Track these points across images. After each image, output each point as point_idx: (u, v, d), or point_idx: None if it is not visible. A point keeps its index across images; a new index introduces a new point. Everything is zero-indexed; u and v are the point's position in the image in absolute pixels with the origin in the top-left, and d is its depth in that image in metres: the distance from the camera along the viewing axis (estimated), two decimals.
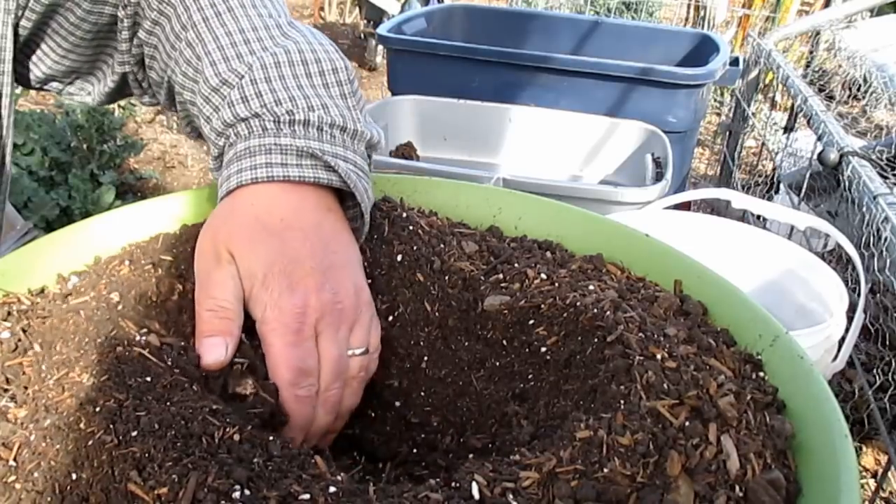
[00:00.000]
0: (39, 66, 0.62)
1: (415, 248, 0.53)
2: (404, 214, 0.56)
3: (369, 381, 0.51)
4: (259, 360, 0.46)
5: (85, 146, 2.28)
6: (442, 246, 0.55)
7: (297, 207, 0.48)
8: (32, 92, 2.88)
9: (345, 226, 0.51)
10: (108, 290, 0.48)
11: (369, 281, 0.52)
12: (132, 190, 2.48)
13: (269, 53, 0.52)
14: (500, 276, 0.52)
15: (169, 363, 0.43)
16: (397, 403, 0.53)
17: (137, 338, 0.44)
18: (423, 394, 0.53)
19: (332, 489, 0.35)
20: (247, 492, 0.34)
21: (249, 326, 0.47)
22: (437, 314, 0.53)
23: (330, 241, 0.48)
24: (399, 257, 0.53)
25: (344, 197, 0.52)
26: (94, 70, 0.65)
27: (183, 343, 0.45)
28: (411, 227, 0.55)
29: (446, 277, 0.52)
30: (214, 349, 0.44)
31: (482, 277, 0.52)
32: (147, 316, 0.47)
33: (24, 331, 0.44)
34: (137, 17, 0.59)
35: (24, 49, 0.61)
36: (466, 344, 0.52)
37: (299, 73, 0.51)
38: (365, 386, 0.50)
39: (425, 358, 0.53)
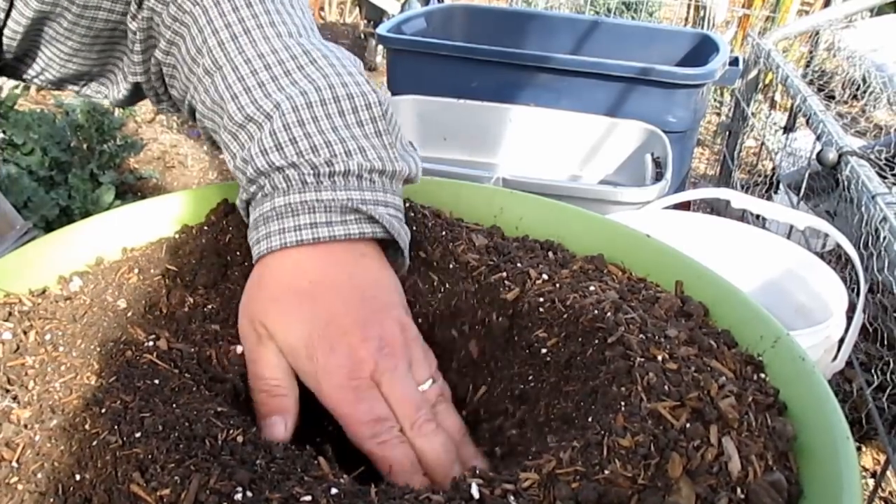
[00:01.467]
0: (50, 70, 0.62)
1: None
2: (412, 214, 0.56)
3: None
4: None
5: (85, 146, 2.28)
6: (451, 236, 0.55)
7: (325, 263, 0.47)
8: (32, 92, 2.88)
9: (381, 264, 0.49)
10: (115, 297, 0.48)
11: None
12: (132, 190, 2.48)
13: (298, 91, 0.49)
14: (504, 273, 0.52)
15: (178, 366, 0.43)
16: None
17: (147, 343, 0.44)
18: None
19: (333, 490, 0.35)
20: (249, 493, 0.34)
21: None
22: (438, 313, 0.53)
23: (366, 289, 0.47)
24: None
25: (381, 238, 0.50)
26: (104, 73, 0.64)
27: (193, 349, 0.45)
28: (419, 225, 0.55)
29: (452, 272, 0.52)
30: (273, 428, 0.44)
31: (486, 272, 0.52)
32: (157, 325, 0.47)
33: (25, 332, 0.44)
34: (152, 31, 0.57)
35: (29, 54, 0.61)
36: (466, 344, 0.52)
37: (332, 111, 0.49)
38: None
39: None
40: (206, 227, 0.55)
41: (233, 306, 0.49)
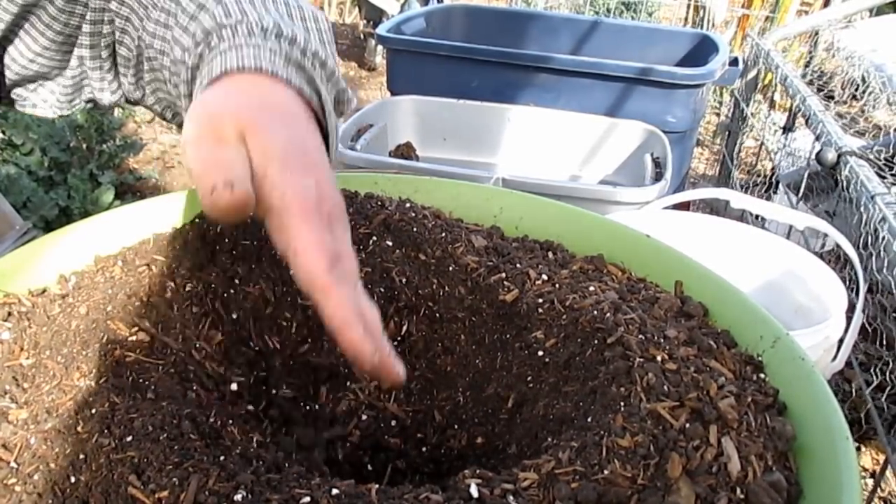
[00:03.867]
0: (11, 68, 0.60)
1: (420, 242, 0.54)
2: (413, 214, 0.56)
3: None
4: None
5: (84, 146, 2.28)
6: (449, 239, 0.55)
7: (292, 100, 0.45)
8: None
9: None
10: (101, 291, 0.48)
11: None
12: (131, 190, 2.48)
13: None
14: (503, 275, 0.52)
15: (166, 364, 0.43)
16: (396, 406, 0.53)
17: (130, 338, 0.44)
18: (425, 395, 0.53)
19: (334, 491, 0.35)
20: (249, 495, 0.34)
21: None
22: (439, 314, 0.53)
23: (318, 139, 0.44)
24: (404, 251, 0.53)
25: None
26: (61, 75, 0.62)
27: (178, 345, 0.45)
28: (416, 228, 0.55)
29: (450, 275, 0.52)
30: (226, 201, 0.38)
31: (485, 273, 0.52)
32: (138, 314, 0.47)
33: (24, 332, 0.44)
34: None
35: None
36: (466, 345, 0.52)
37: (282, 10, 0.50)
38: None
39: (426, 360, 0.53)
40: (196, 220, 0.55)
41: (220, 283, 0.49)
